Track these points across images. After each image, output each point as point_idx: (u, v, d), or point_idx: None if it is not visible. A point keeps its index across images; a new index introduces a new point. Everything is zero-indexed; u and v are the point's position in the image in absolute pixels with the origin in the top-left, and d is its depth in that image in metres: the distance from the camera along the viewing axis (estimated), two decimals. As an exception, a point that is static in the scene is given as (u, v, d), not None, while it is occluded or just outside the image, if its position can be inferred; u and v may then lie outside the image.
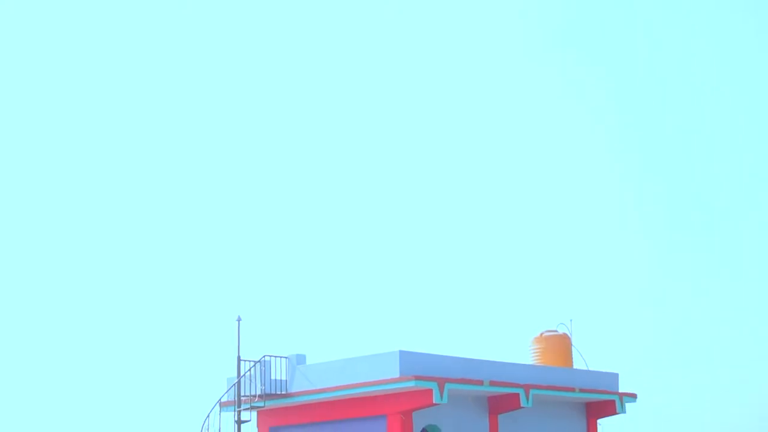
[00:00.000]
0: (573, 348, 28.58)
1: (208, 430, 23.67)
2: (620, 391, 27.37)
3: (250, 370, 24.19)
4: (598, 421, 27.55)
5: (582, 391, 25.99)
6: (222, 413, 24.43)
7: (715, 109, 55.47)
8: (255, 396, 24.03)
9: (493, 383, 23.46)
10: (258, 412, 25.18)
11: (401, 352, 22.17)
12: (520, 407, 24.15)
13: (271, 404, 24.21)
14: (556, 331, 28.70)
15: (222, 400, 24.57)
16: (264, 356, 24.32)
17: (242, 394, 24.12)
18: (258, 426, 25.47)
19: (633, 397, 27.55)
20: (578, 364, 28.29)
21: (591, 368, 27.75)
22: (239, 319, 24.80)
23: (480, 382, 23.19)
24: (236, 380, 24.15)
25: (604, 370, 27.61)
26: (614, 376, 27.62)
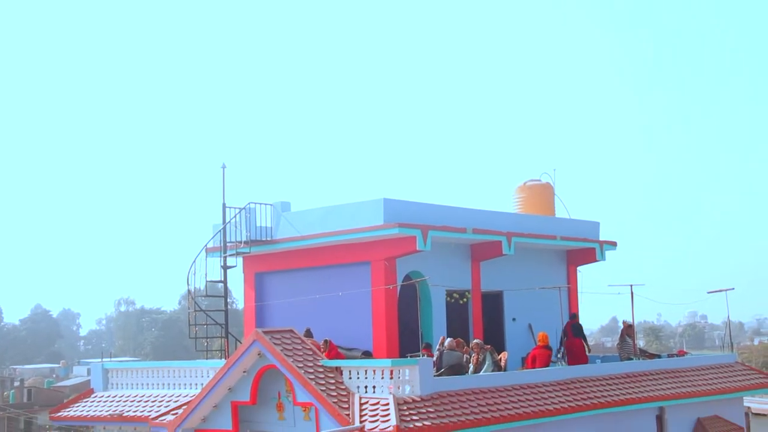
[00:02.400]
0: (555, 197, 28.84)
1: (194, 275, 24.02)
2: (600, 239, 27.79)
3: (235, 216, 24.35)
4: (578, 268, 28.07)
5: (563, 239, 26.37)
6: (208, 259, 24.74)
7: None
8: (240, 242, 24.28)
9: (475, 231, 23.74)
10: (244, 258, 25.49)
11: (385, 200, 22.32)
12: (502, 254, 24.54)
13: (256, 250, 24.49)
14: (539, 180, 28.88)
15: (208, 246, 24.82)
16: (249, 203, 24.45)
17: (228, 240, 24.36)
18: (244, 272, 25.82)
19: (613, 245, 27.99)
20: (560, 213, 28.61)
21: (573, 217, 28.10)
22: (224, 167, 24.79)
23: (463, 230, 23.46)
24: (222, 227, 24.35)
25: (585, 219, 27.96)
26: (595, 225, 27.98)
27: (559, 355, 23.72)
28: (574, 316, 24.89)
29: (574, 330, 23.91)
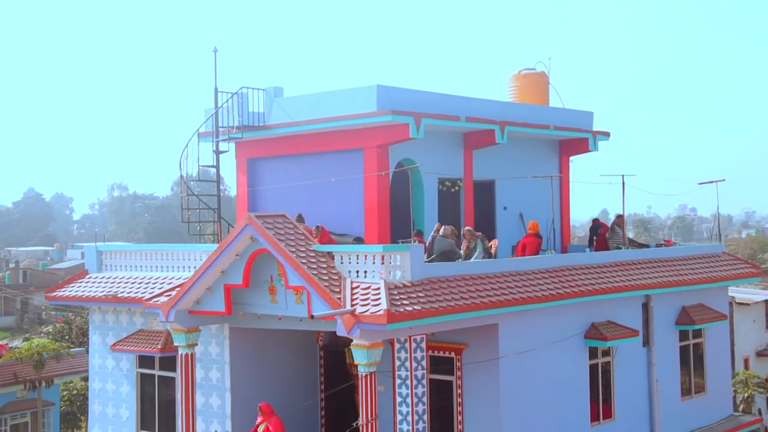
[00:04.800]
0: (550, 86, 28.63)
1: (187, 159, 24.00)
2: (594, 129, 27.74)
3: (227, 101, 24.18)
4: (571, 158, 28.10)
5: (556, 128, 26.32)
6: (200, 144, 24.68)
7: None
8: (233, 127, 24.18)
9: (469, 119, 23.66)
10: (236, 143, 25.43)
11: (379, 87, 22.15)
12: (494, 143, 24.52)
13: (248, 136, 24.42)
14: (534, 69, 28.63)
15: (200, 131, 24.73)
16: (241, 88, 24.24)
17: (220, 125, 24.25)
18: (236, 158, 25.79)
19: (606, 135, 27.97)
20: (554, 102, 28.48)
21: (566, 107, 27.97)
22: (216, 50, 24.48)
23: (456, 118, 23.36)
24: (214, 111, 24.20)
25: (579, 109, 27.85)
26: (589, 115, 27.89)
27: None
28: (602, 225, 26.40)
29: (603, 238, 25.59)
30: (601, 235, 25.81)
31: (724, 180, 26.53)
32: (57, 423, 39.73)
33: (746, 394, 37.43)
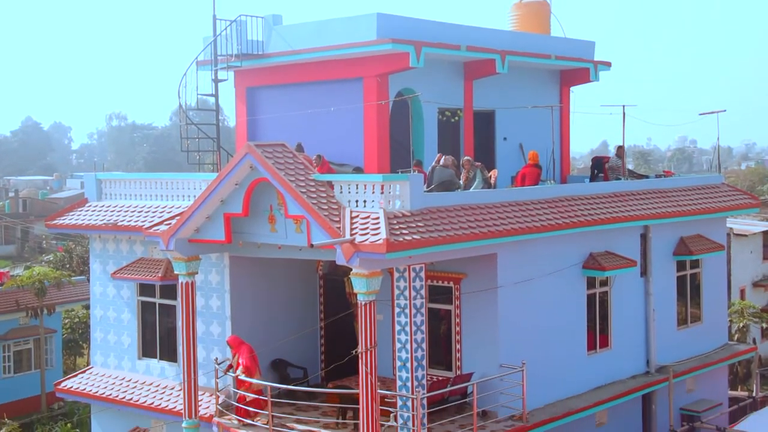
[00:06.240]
0: (552, 16, 28.35)
1: (185, 88, 23.87)
2: (595, 59, 27.54)
3: (226, 29, 23.96)
4: (571, 88, 27.94)
5: (558, 58, 26.11)
6: (199, 72, 24.52)
7: None
8: (231, 56, 23.99)
9: (469, 48, 23.45)
10: (235, 72, 25.25)
11: (379, 15, 21.93)
12: (495, 73, 24.36)
13: (247, 65, 24.23)
14: (536, -3, 28.29)
15: (199, 59, 24.54)
16: (240, 16, 23.99)
17: (219, 53, 24.05)
18: (235, 86, 25.63)
19: (607, 65, 27.77)
20: (556, 32, 28.22)
21: (568, 37, 27.73)
22: (214, -23, 24.16)
23: (457, 47, 23.17)
24: (212, 39, 23.99)
25: (580, 39, 27.61)
26: (590, 45, 27.65)
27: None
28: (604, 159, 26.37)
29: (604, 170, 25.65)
30: (606, 167, 25.73)
31: (725, 111, 26.43)
32: (59, 350, 40.25)
33: (741, 324, 37.79)
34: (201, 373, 20.20)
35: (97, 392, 22.76)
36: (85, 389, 23.08)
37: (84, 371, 24.05)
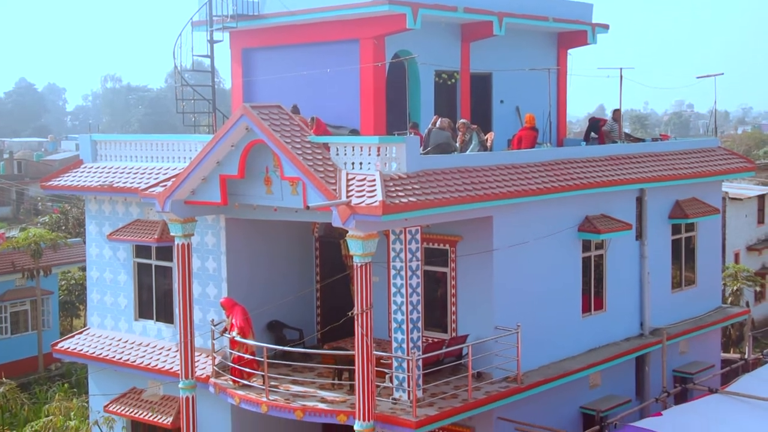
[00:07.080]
0: (549, -23, 28.11)
1: (180, 49, 23.73)
2: (593, 21, 27.39)
3: (221, -11, 23.76)
4: (569, 51, 27.82)
5: (555, 20, 25.98)
6: (194, 33, 24.36)
7: None
8: (227, 16, 23.83)
9: (467, 10, 23.33)
10: (230, 33, 25.10)
11: (376, -23, 21.76)
12: (492, 35, 24.24)
13: (243, 25, 24.08)
14: (534, -42, 28.05)
15: (194, 20, 24.37)
16: (235, -24, 23.78)
17: (214, 14, 23.88)
18: (231, 47, 25.49)
19: (605, 27, 27.64)
20: (553, -7, 28.01)
21: (566, -2, 27.56)
22: (209, -63, 23.92)
23: (454, 9, 23.04)
24: None
25: (578, 0, 27.44)
26: (588, 7, 27.50)
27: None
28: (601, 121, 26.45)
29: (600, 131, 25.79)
30: (602, 130, 25.75)
31: (723, 74, 26.28)
32: (56, 311, 40.37)
33: (735, 287, 37.98)
34: (197, 334, 20.29)
35: (94, 353, 22.87)
36: (82, 350, 23.18)
37: (81, 332, 24.15)
